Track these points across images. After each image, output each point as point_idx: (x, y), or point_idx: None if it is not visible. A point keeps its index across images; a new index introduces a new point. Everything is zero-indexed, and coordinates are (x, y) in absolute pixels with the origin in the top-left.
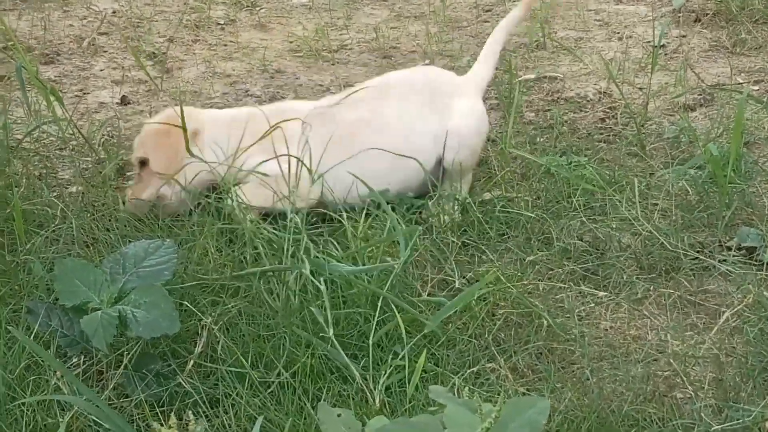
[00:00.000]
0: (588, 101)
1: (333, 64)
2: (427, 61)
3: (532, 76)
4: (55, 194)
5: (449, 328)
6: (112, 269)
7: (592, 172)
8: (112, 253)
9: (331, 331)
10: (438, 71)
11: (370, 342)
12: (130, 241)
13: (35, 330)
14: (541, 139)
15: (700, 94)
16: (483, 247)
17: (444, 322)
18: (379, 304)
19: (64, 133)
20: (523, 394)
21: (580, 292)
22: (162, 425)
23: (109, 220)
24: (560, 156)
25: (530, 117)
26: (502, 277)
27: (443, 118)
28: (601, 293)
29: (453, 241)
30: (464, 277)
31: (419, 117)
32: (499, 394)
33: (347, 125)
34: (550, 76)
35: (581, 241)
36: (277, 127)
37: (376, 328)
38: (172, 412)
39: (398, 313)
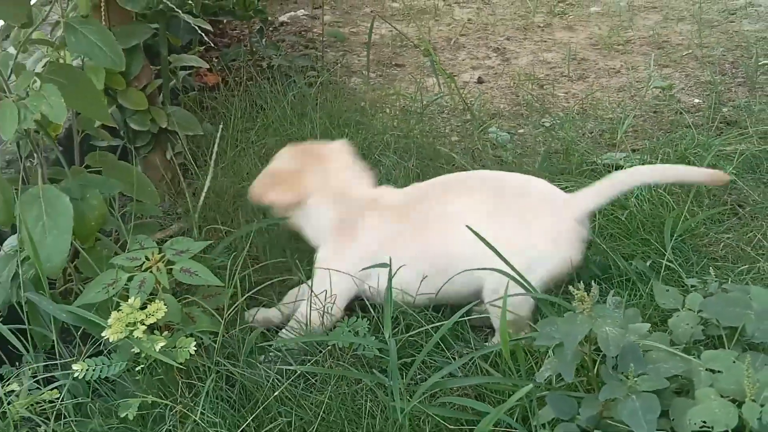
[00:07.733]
0: None
1: (622, 54)
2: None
3: None
4: (441, 144)
5: None
6: None
7: None
8: None
9: None
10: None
11: None
12: None
13: None
14: None
15: None
16: None
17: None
18: None
19: (454, 101)
20: None
21: None
22: None
23: (481, 161)
24: None
25: None
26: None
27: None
28: None
29: None
30: None
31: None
32: None
33: (416, 220)
34: None
35: None
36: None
37: None
38: None
39: None
